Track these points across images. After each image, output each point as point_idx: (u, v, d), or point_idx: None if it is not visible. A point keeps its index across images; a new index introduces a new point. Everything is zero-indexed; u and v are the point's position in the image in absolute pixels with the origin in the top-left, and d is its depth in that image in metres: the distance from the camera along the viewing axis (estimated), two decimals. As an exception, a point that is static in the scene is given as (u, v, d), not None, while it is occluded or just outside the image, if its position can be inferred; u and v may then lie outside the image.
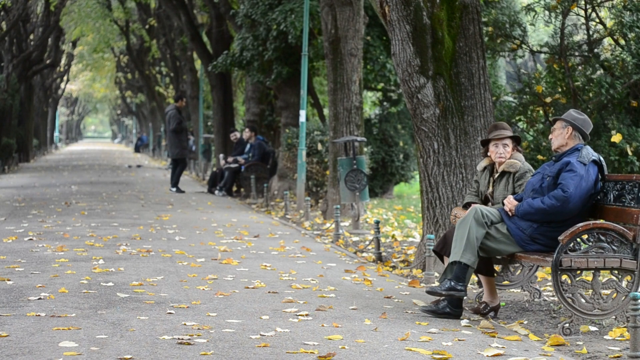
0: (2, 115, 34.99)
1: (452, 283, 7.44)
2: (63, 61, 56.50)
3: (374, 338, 6.63)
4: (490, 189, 8.19)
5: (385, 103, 23.95)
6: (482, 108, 9.98)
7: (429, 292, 7.60)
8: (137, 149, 63.08)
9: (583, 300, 7.03)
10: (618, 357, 6.31)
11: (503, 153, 8.11)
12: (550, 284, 8.99)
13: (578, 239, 7.07)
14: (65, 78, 64.34)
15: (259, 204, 19.67)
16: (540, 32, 30.85)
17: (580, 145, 7.56)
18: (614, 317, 7.13)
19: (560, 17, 12.18)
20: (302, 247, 12.03)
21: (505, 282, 8.51)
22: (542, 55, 12.92)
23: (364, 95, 21.94)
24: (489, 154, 8.25)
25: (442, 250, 7.98)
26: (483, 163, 8.33)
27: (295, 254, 11.38)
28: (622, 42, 12.03)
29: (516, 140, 8.22)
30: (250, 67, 22.26)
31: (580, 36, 13.00)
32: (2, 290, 8.28)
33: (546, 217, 7.39)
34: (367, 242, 12.94)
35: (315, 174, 19.27)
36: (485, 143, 8.29)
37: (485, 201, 8.23)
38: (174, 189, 22.82)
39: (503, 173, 8.13)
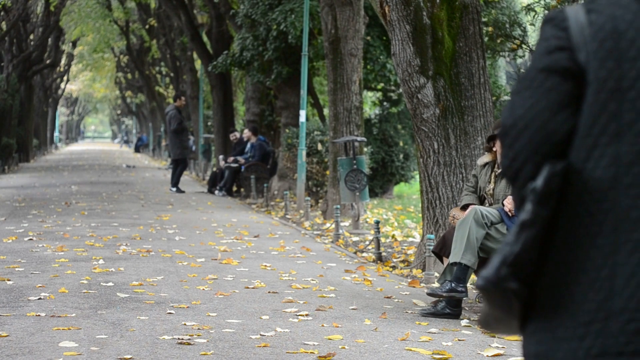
0: (2, 115, 34.99)
1: (453, 284, 7.44)
2: (63, 61, 56.49)
3: (374, 338, 6.63)
4: (492, 185, 8.16)
5: (385, 103, 23.96)
6: (482, 108, 9.98)
7: (429, 294, 7.60)
8: (137, 149, 63.10)
9: (583, 300, 7.02)
10: (618, 357, 6.31)
11: None
12: (550, 284, 8.98)
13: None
14: (65, 78, 64.35)
15: (259, 204, 19.68)
16: (540, 32, 30.83)
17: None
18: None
19: (560, 17, 12.19)
20: (302, 247, 12.03)
21: (505, 282, 8.49)
22: (542, 55, 12.91)
23: (364, 95, 21.95)
24: (494, 149, 8.18)
25: (441, 251, 7.98)
26: (485, 159, 8.26)
27: (295, 254, 11.38)
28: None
29: None
30: (250, 67, 22.27)
31: (580, 36, 12.99)
32: (2, 290, 8.27)
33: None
34: (367, 242, 12.94)
35: (315, 174, 19.27)
36: (491, 138, 8.21)
37: (482, 200, 8.20)
38: (174, 189, 22.83)
39: (506, 170, 8.09)
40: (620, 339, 2.04)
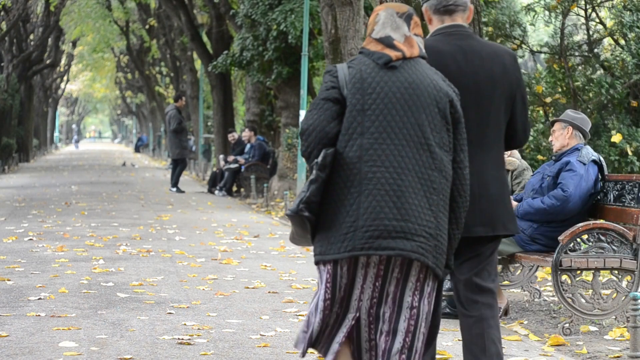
0: (2, 115, 34.99)
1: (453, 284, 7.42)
2: (63, 61, 56.50)
3: (374, 338, 6.62)
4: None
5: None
6: (482, 108, 9.96)
7: (429, 293, 7.60)
8: (137, 149, 63.07)
9: (583, 300, 7.04)
10: (618, 357, 6.31)
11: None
12: (550, 284, 8.99)
13: (578, 239, 7.07)
14: (65, 78, 64.34)
15: (259, 204, 19.67)
16: (540, 32, 30.84)
17: (580, 145, 7.55)
18: (614, 317, 7.13)
19: (560, 17, 12.19)
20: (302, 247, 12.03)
21: (506, 282, 8.51)
22: (542, 55, 12.93)
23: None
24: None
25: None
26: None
27: (295, 254, 11.38)
28: (622, 42, 12.03)
29: None
30: (250, 67, 22.26)
31: (580, 36, 13.01)
32: (2, 290, 8.27)
33: (546, 217, 7.38)
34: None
35: (315, 174, 19.23)
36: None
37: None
38: (174, 189, 22.82)
39: (502, 172, 8.09)
40: (362, 241, 3.92)
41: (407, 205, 3.94)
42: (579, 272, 7.05)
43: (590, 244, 7.05)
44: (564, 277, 7.03)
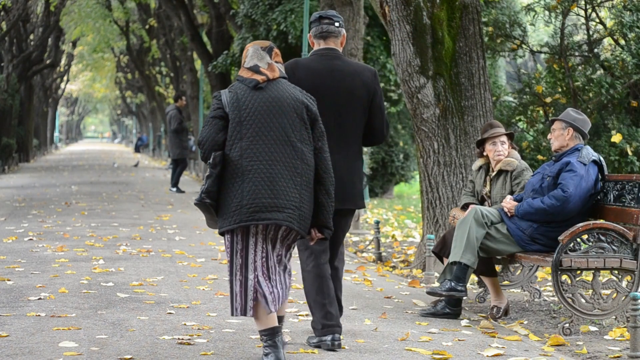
0: (2, 115, 34.97)
1: (453, 284, 7.43)
2: (63, 61, 56.45)
3: (374, 338, 6.63)
4: (487, 188, 8.16)
5: (385, 103, 23.90)
6: (482, 108, 9.98)
7: (429, 293, 7.59)
8: (137, 149, 62.99)
9: (583, 300, 7.03)
10: (618, 357, 6.32)
11: (502, 150, 8.07)
12: (550, 284, 8.99)
13: (578, 239, 7.07)
14: (65, 78, 64.29)
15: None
16: (540, 32, 30.82)
17: (580, 145, 7.55)
18: (614, 317, 7.13)
19: (560, 17, 12.18)
20: (302, 247, 12.00)
21: (505, 282, 8.51)
22: (542, 55, 12.92)
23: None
24: (485, 153, 8.20)
25: (441, 251, 7.97)
26: (478, 163, 8.29)
27: (295, 254, 11.36)
28: (622, 42, 12.03)
29: (510, 137, 8.20)
30: (250, 67, 22.21)
31: (580, 36, 13.00)
32: (2, 290, 8.27)
33: (546, 217, 7.38)
34: (367, 242, 12.93)
35: (315, 174, 19.21)
36: (480, 143, 8.24)
37: (481, 201, 8.21)
38: (174, 189, 22.82)
39: (500, 172, 8.08)
40: (246, 215, 5.47)
41: (277, 187, 5.50)
42: (579, 272, 7.05)
43: (590, 244, 7.05)
44: (564, 277, 7.03)
